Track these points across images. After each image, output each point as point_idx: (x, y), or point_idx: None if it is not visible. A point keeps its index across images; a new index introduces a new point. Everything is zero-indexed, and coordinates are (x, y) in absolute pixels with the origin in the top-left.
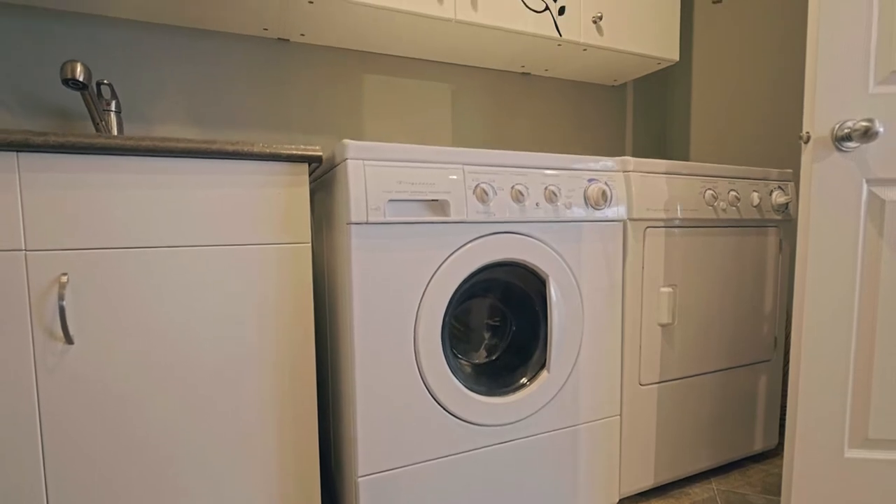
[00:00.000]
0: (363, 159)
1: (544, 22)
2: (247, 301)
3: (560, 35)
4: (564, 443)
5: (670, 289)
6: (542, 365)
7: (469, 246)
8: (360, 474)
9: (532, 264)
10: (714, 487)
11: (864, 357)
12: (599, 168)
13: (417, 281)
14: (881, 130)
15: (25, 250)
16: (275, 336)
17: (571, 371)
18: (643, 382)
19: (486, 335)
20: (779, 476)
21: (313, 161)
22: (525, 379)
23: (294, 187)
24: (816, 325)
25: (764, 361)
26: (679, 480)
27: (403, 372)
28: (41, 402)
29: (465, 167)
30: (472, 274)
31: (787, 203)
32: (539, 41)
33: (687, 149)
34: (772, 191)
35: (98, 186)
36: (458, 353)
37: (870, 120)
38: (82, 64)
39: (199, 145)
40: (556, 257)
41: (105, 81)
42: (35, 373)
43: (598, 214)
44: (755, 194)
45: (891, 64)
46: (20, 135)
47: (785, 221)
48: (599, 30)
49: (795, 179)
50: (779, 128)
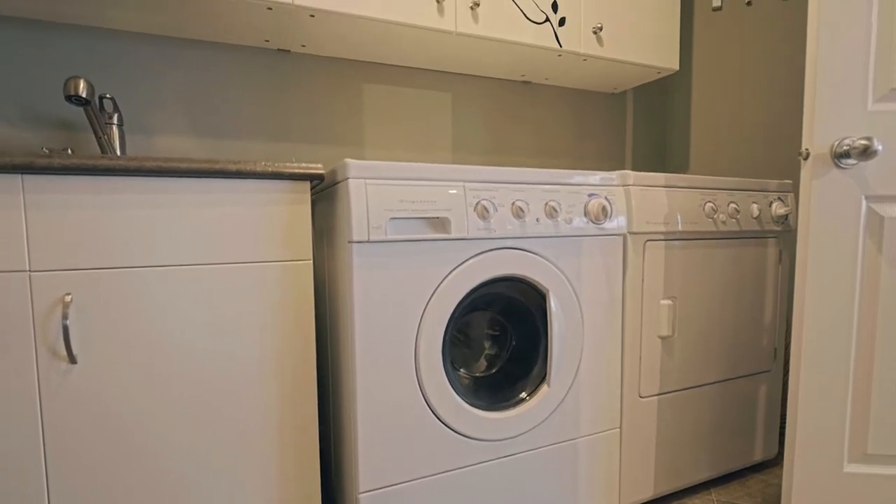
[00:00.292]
0: (365, 178)
1: (544, 33)
2: (249, 319)
3: (560, 46)
4: (564, 456)
5: (670, 301)
6: (543, 379)
7: (470, 262)
8: (362, 490)
9: (532, 279)
10: (714, 498)
11: (864, 372)
12: (599, 182)
13: (419, 297)
14: (880, 149)
15: (30, 271)
16: (276, 353)
17: (571, 385)
18: (643, 395)
19: (487, 349)
20: (778, 486)
21: (315, 179)
22: (525, 393)
23: (296, 205)
24: (816, 342)
25: (764, 372)
26: (679, 492)
27: (404, 388)
28: (45, 423)
29: (466, 184)
30: (473, 289)
31: (787, 214)
32: (539, 52)
33: (687, 156)
34: (771, 202)
35: (101, 207)
36: (459, 368)
37: (868, 138)
38: (85, 80)
39: (202, 165)
40: (556, 272)
41: (107, 95)
42: (39, 394)
43: (599, 229)
44: (755, 206)
45: (889, 81)
46: (25, 157)
47: (785, 232)
48: (599, 40)
49: (795, 190)
50: (779, 135)
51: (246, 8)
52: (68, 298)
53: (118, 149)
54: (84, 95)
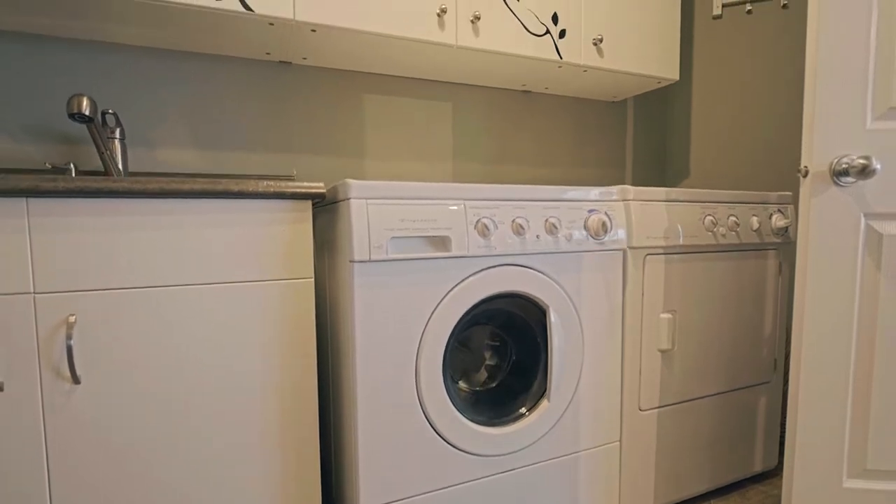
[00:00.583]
0: (366, 198)
1: (545, 45)
2: (250, 339)
3: (561, 58)
4: (564, 470)
5: (670, 315)
6: (543, 393)
7: (470, 279)
8: None
9: (532, 295)
10: None
11: (862, 388)
12: (599, 198)
13: (419, 315)
14: (878, 168)
15: (34, 293)
16: (278, 372)
17: (571, 399)
18: (643, 408)
19: (487, 364)
20: (778, 497)
21: (316, 198)
22: (525, 408)
23: (297, 224)
24: (815, 361)
25: (764, 383)
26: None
27: (405, 405)
28: (48, 443)
29: (467, 202)
30: (474, 306)
31: (787, 226)
32: (540, 63)
33: (687, 163)
34: (771, 214)
35: (104, 228)
36: (459, 383)
37: (867, 157)
38: (88, 98)
39: (205, 186)
40: (557, 287)
41: (110, 111)
42: (42, 413)
43: (599, 244)
44: (755, 218)
45: (888, 100)
46: (30, 181)
47: (785, 244)
48: (600, 51)
49: (795, 202)
50: (779, 142)
51: (248, 24)
52: (72, 319)
53: (120, 163)
54: (87, 113)
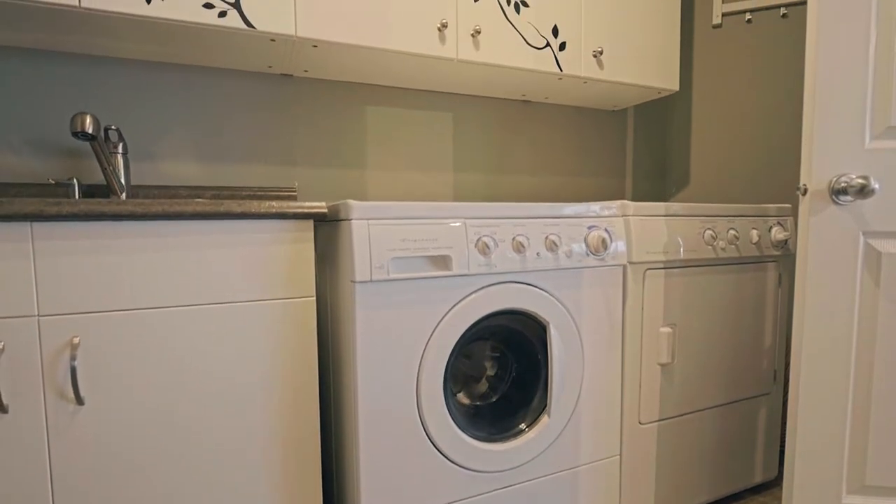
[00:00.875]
0: (367, 219)
1: (545, 58)
2: (252, 357)
3: (561, 70)
4: (565, 485)
5: (670, 329)
6: (543, 409)
7: (471, 297)
8: None
9: (532, 312)
10: None
11: (861, 405)
12: (599, 214)
13: (420, 334)
14: (877, 187)
15: (38, 315)
16: (280, 390)
17: (572, 414)
18: (643, 421)
19: (487, 379)
20: None
21: (318, 218)
22: (525, 424)
23: (299, 243)
24: (814, 379)
25: (764, 394)
26: None
27: (406, 422)
28: (52, 464)
29: (467, 221)
30: (474, 323)
31: (787, 239)
32: (540, 76)
33: (687, 171)
34: (771, 227)
35: (108, 251)
36: (460, 398)
37: (865, 177)
38: (91, 116)
39: (207, 208)
40: (557, 304)
41: (112, 127)
42: (47, 435)
43: (599, 260)
44: (754, 231)
45: (886, 119)
46: (34, 205)
47: (784, 256)
48: (600, 63)
49: (794, 214)
50: (779, 150)
51: (250, 40)
52: (76, 341)
53: (123, 177)
54: (90, 132)
